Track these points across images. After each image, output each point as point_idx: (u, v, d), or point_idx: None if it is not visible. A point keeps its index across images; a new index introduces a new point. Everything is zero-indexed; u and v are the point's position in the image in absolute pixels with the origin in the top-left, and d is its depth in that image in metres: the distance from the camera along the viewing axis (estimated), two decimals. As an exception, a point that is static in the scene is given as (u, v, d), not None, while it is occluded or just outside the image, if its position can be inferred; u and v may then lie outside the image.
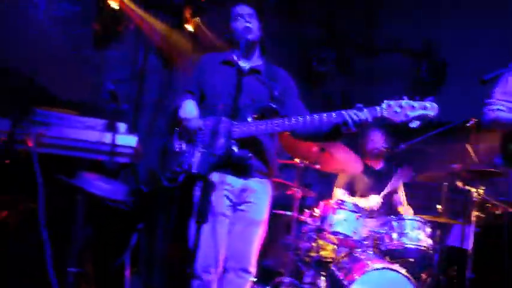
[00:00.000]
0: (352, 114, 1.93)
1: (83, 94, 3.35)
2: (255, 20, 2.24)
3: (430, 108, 1.86)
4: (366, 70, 5.27)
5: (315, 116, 1.99)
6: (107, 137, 2.24)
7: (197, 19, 3.94)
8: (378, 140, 3.72)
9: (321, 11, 5.05)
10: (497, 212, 3.05)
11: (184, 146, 2.11)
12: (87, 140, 2.22)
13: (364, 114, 1.92)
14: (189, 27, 4.02)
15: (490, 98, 2.31)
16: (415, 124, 1.87)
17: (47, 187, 2.04)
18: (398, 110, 1.87)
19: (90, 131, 2.24)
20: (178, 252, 3.23)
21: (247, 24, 2.17)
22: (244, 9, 2.24)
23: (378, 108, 1.91)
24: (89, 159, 2.19)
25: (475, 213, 2.99)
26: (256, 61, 2.29)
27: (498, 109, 2.25)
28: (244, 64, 2.18)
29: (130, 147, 2.34)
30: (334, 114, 1.96)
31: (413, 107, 1.87)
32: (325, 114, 1.96)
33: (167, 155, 2.13)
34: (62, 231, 2.15)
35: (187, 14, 3.89)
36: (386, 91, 5.08)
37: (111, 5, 3.67)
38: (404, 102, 1.87)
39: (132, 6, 3.75)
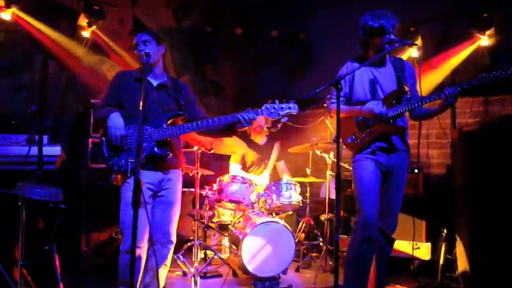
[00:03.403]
0: (243, 115, 2.55)
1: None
2: (152, 43, 2.65)
3: (293, 108, 2.55)
4: (249, 58, 6.08)
5: (215, 119, 2.58)
6: (33, 150, 2.65)
7: (94, 27, 4.20)
8: (262, 121, 4.56)
9: (207, 13, 5.64)
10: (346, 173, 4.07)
11: (112, 151, 2.56)
12: (17, 154, 2.60)
13: (251, 114, 2.57)
14: (86, 34, 4.26)
15: (330, 94, 2.98)
16: (284, 119, 2.58)
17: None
18: (272, 110, 2.54)
19: (17, 147, 2.62)
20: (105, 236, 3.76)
21: (144, 50, 2.56)
22: (140, 37, 2.66)
23: (259, 110, 2.56)
24: (21, 171, 2.59)
25: (329, 172, 4.05)
26: (162, 77, 2.76)
27: (334, 102, 2.88)
28: (152, 80, 2.71)
29: (55, 155, 2.77)
30: (229, 117, 2.57)
31: (282, 107, 2.54)
32: (222, 117, 2.58)
33: (98, 159, 2.55)
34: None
35: (83, 22, 4.12)
36: (267, 73, 5.98)
37: (2, 17, 3.82)
38: (277, 105, 2.54)
39: (25, 16, 3.91)
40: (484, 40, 4.06)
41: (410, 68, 3.01)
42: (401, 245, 3.77)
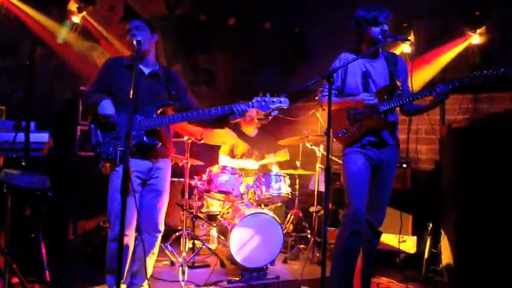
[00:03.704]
0: (237, 107, 2.55)
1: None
2: (146, 30, 2.60)
3: (283, 101, 2.56)
4: (245, 49, 6.04)
5: (205, 110, 2.54)
6: (20, 136, 2.60)
7: (84, 13, 4.14)
8: (253, 113, 4.55)
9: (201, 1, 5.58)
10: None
11: (101, 138, 2.53)
12: (3, 141, 2.55)
13: (244, 106, 2.56)
14: (76, 20, 4.20)
15: (322, 87, 2.95)
16: (275, 113, 2.59)
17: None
18: (263, 103, 2.54)
19: (3, 133, 2.57)
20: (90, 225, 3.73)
21: (135, 37, 2.50)
22: (133, 23, 2.61)
23: (250, 103, 2.56)
24: (7, 157, 2.54)
25: (319, 164, 4.07)
26: (153, 65, 2.71)
27: (326, 95, 2.80)
28: (144, 69, 2.66)
29: (43, 142, 2.73)
30: (221, 108, 2.55)
31: (273, 101, 2.54)
32: (213, 108, 2.55)
33: (86, 146, 2.51)
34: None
35: (73, 7, 4.07)
36: (264, 68, 5.94)
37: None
38: (267, 98, 2.54)
39: (15, 1, 3.84)
40: (475, 38, 4.08)
41: (403, 63, 3.02)
42: (388, 238, 3.81)
